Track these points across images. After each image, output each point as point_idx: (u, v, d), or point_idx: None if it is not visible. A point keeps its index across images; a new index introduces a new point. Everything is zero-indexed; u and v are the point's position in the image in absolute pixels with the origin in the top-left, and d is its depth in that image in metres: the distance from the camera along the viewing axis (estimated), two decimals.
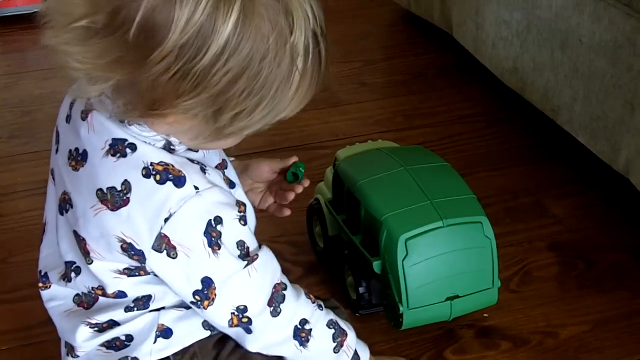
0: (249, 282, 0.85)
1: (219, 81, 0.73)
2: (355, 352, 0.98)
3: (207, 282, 0.83)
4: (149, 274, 0.85)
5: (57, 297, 0.91)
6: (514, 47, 1.68)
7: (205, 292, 0.83)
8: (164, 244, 0.80)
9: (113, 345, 0.89)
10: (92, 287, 0.88)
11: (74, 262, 0.88)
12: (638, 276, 1.32)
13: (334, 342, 0.95)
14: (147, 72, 0.72)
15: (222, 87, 0.74)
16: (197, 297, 0.84)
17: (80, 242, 0.84)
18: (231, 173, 0.92)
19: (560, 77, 1.55)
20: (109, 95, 0.78)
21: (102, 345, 0.90)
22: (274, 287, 0.88)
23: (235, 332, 0.89)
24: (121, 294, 0.87)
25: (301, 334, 0.91)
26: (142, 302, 0.88)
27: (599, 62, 1.43)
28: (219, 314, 0.86)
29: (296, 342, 0.91)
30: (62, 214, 0.87)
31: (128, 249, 0.81)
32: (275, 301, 0.88)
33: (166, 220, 0.79)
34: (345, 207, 1.25)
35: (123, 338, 0.89)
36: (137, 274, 0.85)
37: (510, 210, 1.47)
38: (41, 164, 1.66)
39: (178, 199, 0.79)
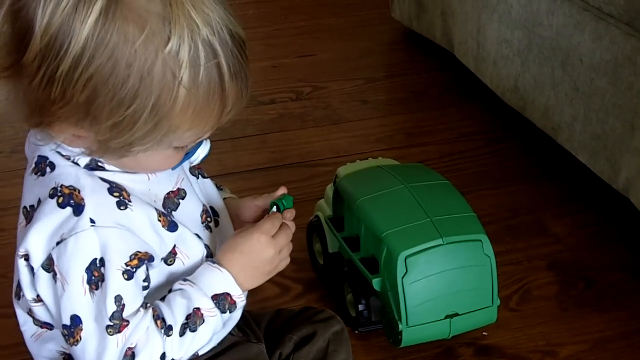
0: (111, 351, 0.78)
1: (83, 86, 0.70)
2: (219, 300, 0.84)
3: (75, 320, 0.78)
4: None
5: (21, 316, 0.88)
6: (515, 66, 1.68)
7: (72, 330, 0.79)
8: (50, 266, 0.78)
9: None
10: (28, 310, 0.85)
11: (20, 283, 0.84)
12: (637, 296, 1.32)
13: (196, 332, 0.83)
14: (23, 77, 0.72)
15: (90, 93, 0.71)
16: (64, 331, 0.79)
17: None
18: (189, 206, 0.87)
19: (561, 96, 1.55)
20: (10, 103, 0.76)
21: None
22: (125, 352, 0.79)
23: None
24: (48, 325, 0.85)
25: None
26: None
27: (599, 81, 1.44)
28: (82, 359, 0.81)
29: None
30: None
31: (27, 262, 0.79)
32: None
33: (57, 243, 0.77)
34: (345, 225, 1.25)
35: None
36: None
37: (510, 228, 1.47)
38: None
39: (70, 228, 0.76)
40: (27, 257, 0.79)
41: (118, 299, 0.78)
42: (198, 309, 0.83)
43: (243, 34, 0.76)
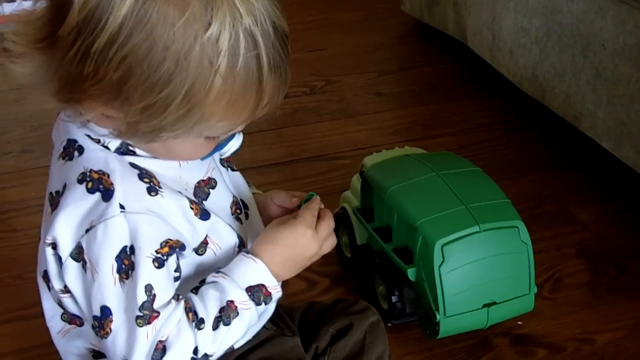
0: (141, 344, 0.75)
1: (117, 65, 0.68)
2: (254, 292, 0.81)
3: (105, 311, 0.75)
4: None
5: (47, 312, 0.86)
6: (533, 54, 1.66)
7: (102, 321, 0.76)
8: (80, 255, 0.75)
9: None
10: (58, 301, 0.83)
11: (48, 273, 0.82)
12: None
13: (229, 325, 0.80)
14: (57, 50, 0.70)
15: (123, 73, 0.68)
16: (95, 323, 0.77)
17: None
18: (220, 196, 0.85)
19: (582, 83, 1.54)
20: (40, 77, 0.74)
21: None
22: (156, 345, 0.76)
23: None
24: (77, 317, 0.82)
25: None
26: None
27: (623, 67, 1.42)
28: (112, 354, 0.78)
29: None
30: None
31: (55, 251, 0.76)
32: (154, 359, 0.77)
33: (87, 231, 0.74)
34: (376, 215, 1.23)
35: None
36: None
37: (536, 217, 1.45)
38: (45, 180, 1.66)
39: (99, 214, 0.74)
40: (54, 246, 0.76)
41: (148, 288, 0.75)
42: (232, 301, 0.80)
43: (286, 28, 0.74)
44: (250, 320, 0.81)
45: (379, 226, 1.22)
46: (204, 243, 0.82)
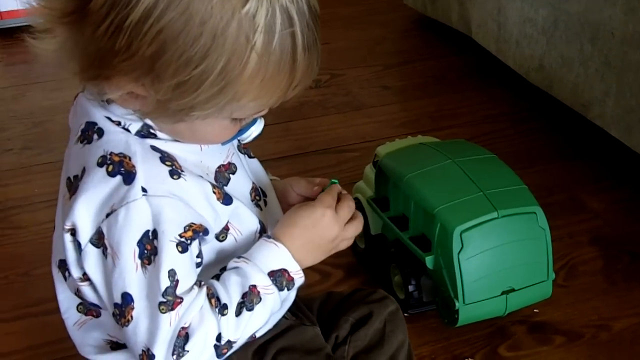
0: (164, 331, 0.73)
1: (152, 40, 0.66)
2: (276, 277, 0.80)
3: (127, 298, 0.73)
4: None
5: (62, 303, 0.85)
6: (540, 45, 1.66)
7: (123, 309, 0.74)
8: (100, 241, 0.73)
9: None
10: (76, 289, 0.81)
11: (66, 262, 0.79)
12: None
13: (252, 310, 0.79)
14: (87, 24, 0.67)
15: (157, 48, 0.66)
16: (115, 310, 0.75)
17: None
18: (239, 182, 0.83)
19: (590, 72, 1.54)
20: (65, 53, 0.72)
21: None
22: (179, 332, 0.74)
23: None
24: (94, 306, 0.80)
25: (222, 350, 0.78)
26: None
27: (633, 54, 1.42)
28: (133, 342, 0.75)
29: (222, 357, 0.78)
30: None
31: (74, 237, 0.74)
32: (177, 347, 0.74)
33: (107, 215, 0.72)
34: (391, 204, 1.22)
35: None
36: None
37: (547, 206, 1.42)
38: (57, 175, 1.61)
39: (121, 198, 0.72)
40: (73, 232, 0.74)
41: (172, 273, 0.73)
42: (254, 286, 0.78)
43: (318, 8, 0.73)
44: (273, 306, 0.80)
45: (395, 215, 1.21)
46: (225, 229, 0.81)
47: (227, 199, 0.79)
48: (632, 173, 1.53)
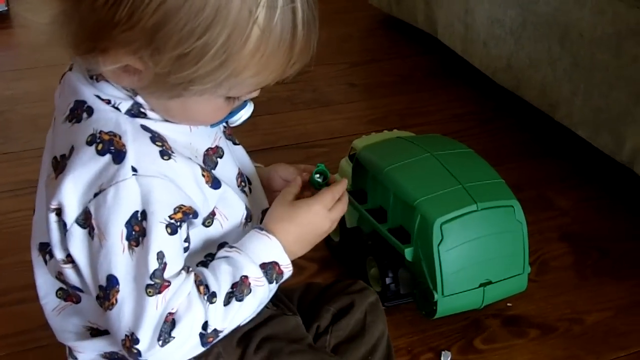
0: (150, 315, 0.72)
1: (154, 10, 0.65)
2: (267, 269, 0.79)
3: (112, 281, 0.71)
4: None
5: (41, 288, 0.83)
6: (508, 45, 1.68)
7: (108, 292, 0.72)
8: (87, 221, 0.71)
9: (116, 357, 0.82)
10: (58, 272, 0.79)
11: (48, 244, 0.77)
12: None
13: (242, 301, 0.77)
14: None
15: (159, 19, 0.65)
16: (100, 293, 0.73)
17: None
18: (226, 167, 0.82)
19: (558, 72, 1.56)
20: (62, 26, 0.70)
21: (104, 356, 0.83)
22: (165, 317, 0.72)
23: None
24: (76, 288, 0.78)
25: (208, 338, 0.76)
26: None
27: (601, 55, 1.45)
28: (116, 327, 0.73)
29: (206, 347, 0.77)
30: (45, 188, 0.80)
31: (59, 217, 0.72)
32: (164, 333, 0.73)
33: (95, 195, 0.70)
34: (369, 196, 1.22)
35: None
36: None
37: None
38: (21, 164, 1.61)
39: (110, 177, 0.70)
40: (59, 212, 0.72)
41: (160, 255, 0.71)
42: (246, 277, 0.77)
43: None
44: (262, 298, 0.79)
45: (372, 208, 1.21)
46: (212, 214, 0.79)
47: (215, 183, 0.78)
48: (599, 171, 1.56)
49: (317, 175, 0.88)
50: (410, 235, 1.13)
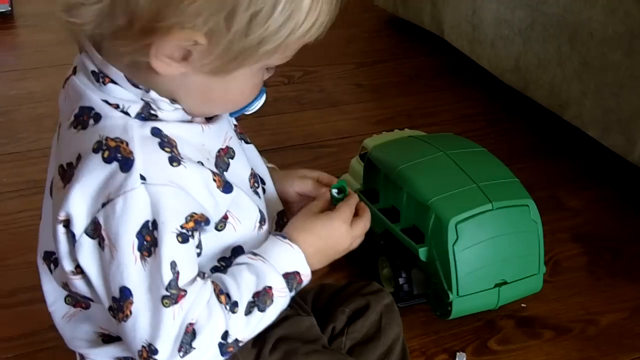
0: (168, 325, 0.70)
1: None
2: (289, 279, 0.78)
3: (125, 293, 0.70)
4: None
5: (49, 295, 0.81)
6: (516, 46, 1.67)
7: (121, 304, 0.70)
8: (96, 232, 0.69)
9: None
10: (63, 282, 0.77)
11: (53, 253, 0.77)
12: None
13: (264, 312, 0.76)
14: None
15: None
16: (113, 305, 0.71)
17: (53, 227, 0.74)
18: (238, 167, 0.80)
19: (568, 72, 1.55)
20: (102, 21, 0.68)
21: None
22: (186, 328, 0.71)
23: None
24: (86, 298, 0.76)
25: (228, 348, 0.74)
26: None
27: (612, 55, 1.43)
28: (131, 338, 0.72)
29: (226, 356, 0.75)
30: (51, 196, 0.77)
31: (67, 229, 0.71)
32: (185, 344, 0.71)
33: (103, 205, 0.68)
34: (381, 196, 1.21)
35: None
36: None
37: None
38: (26, 164, 1.59)
39: (118, 186, 0.68)
40: (67, 223, 0.70)
41: (173, 265, 0.69)
42: (270, 287, 0.75)
43: None
44: (282, 308, 0.78)
45: (384, 207, 1.20)
46: (224, 218, 0.77)
47: (227, 187, 0.76)
48: (610, 172, 1.55)
49: (335, 191, 0.86)
50: (424, 235, 1.12)
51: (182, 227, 0.70)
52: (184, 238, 0.70)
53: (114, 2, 0.66)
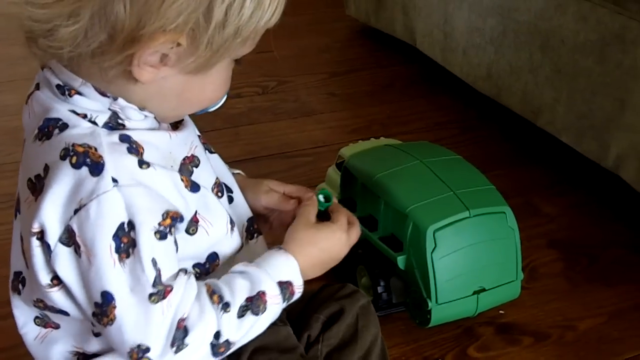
0: (157, 322, 0.70)
1: None
2: (283, 288, 0.78)
3: (107, 297, 0.69)
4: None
5: (19, 319, 0.80)
6: (488, 53, 1.68)
7: (105, 308, 0.69)
8: (71, 239, 0.69)
9: None
10: (36, 300, 0.76)
11: (21, 273, 0.77)
12: None
13: (258, 316, 0.77)
14: None
15: None
16: (97, 310, 0.70)
17: (23, 243, 0.74)
18: (202, 175, 0.80)
19: (540, 79, 1.56)
20: (81, 41, 0.68)
21: None
22: (178, 323, 0.71)
23: None
24: (63, 312, 0.75)
25: (220, 349, 0.75)
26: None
27: (584, 62, 1.45)
28: (119, 341, 0.71)
29: (217, 357, 0.76)
30: (15, 217, 0.77)
31: (42, 240, 0.70)
32: (177, 339, 0.72)
33: (75, 211, 0.68)
34: (358, 205, 1.20)
35: None
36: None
37: None
38: (1, 178, 1.56)
39: (90, 191, 0.68)
40: (41, 235, 0.70)
41: (154, 262, 0.70)
42: (264, 293, 0.76)
43: None
44: (273, 318, 0.78)
45: (362, 216, 1.19)
46: (195, 220, 0.77)
47: (194, 187, 0.77)
48: (584, 178, 1.56)
49: (322, 197, 0.89)
50: (402, 243, 1.11)
51: (159, 224, 0.70)
52: (162, 235, 0.70)
53: (92, 19, 0.66)
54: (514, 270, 1.14)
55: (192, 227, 0.77)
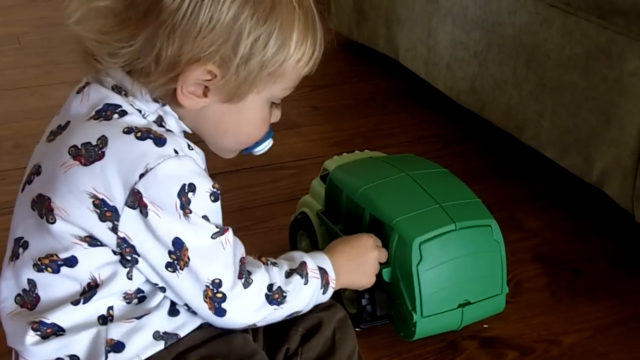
0: (222, 254, 0.83)
1: (229, 7, 0.78)
2: (320, 270, 0.94)
3: (178, 243, 0.80)
4: (106, 247, 0.81)
5: (3, 292, 0.85)
6: (472, 67, 1.68)
7: (179, 253, 0.80)
8: (137, 201, 0.78)
9: None
10: (40, 258, 0.81)
11: (22, 237, 0.83)
12: (625, 283, 1.32)
13: (303, 278, 0.91)
14: (164, 19, 0.77)
15: (234, 13, 0.78)
16: (172, 256, 0.80)
17: (44, 202, 0.81)
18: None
19: (524, 94, 1.56)
20: (134, 61, 0.80)
21: None
22: (241, 260, 0.85)
23: (204, 310, 0.84)
24: (72, 260, 0.81)
25: (275, 296, 0.88)
26: (89, 290, 0.81)
27: (569, 76, 1.44)
28: (194, 282, 0.82)
29: (274, 305, 0.88)
30: (23, 190, 0.85)
31: (101, 205, 0.79)
32: (244, 272, 0.85)
33: (141, 176, 0.77)
34: (343, 217, 1.19)
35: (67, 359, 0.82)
36: (98, 243, 0.80)
37: None
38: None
39: (157, 156, 0.78)
40: (96, 198, 0.78)
41: (205, 218, 0.81)
42: (305, 263, 0.92)
43: None
44: (313, 293, 0.92)
45: (347, 228, 1.18)
46: None
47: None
48: (568, 192, 1.55)
49: None
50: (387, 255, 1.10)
51: (212, 187, 0.81)
52: (215, 197, 0.82)
53: (144, 43, 0.79)
54: (499, 283, 1.13)
55: None
